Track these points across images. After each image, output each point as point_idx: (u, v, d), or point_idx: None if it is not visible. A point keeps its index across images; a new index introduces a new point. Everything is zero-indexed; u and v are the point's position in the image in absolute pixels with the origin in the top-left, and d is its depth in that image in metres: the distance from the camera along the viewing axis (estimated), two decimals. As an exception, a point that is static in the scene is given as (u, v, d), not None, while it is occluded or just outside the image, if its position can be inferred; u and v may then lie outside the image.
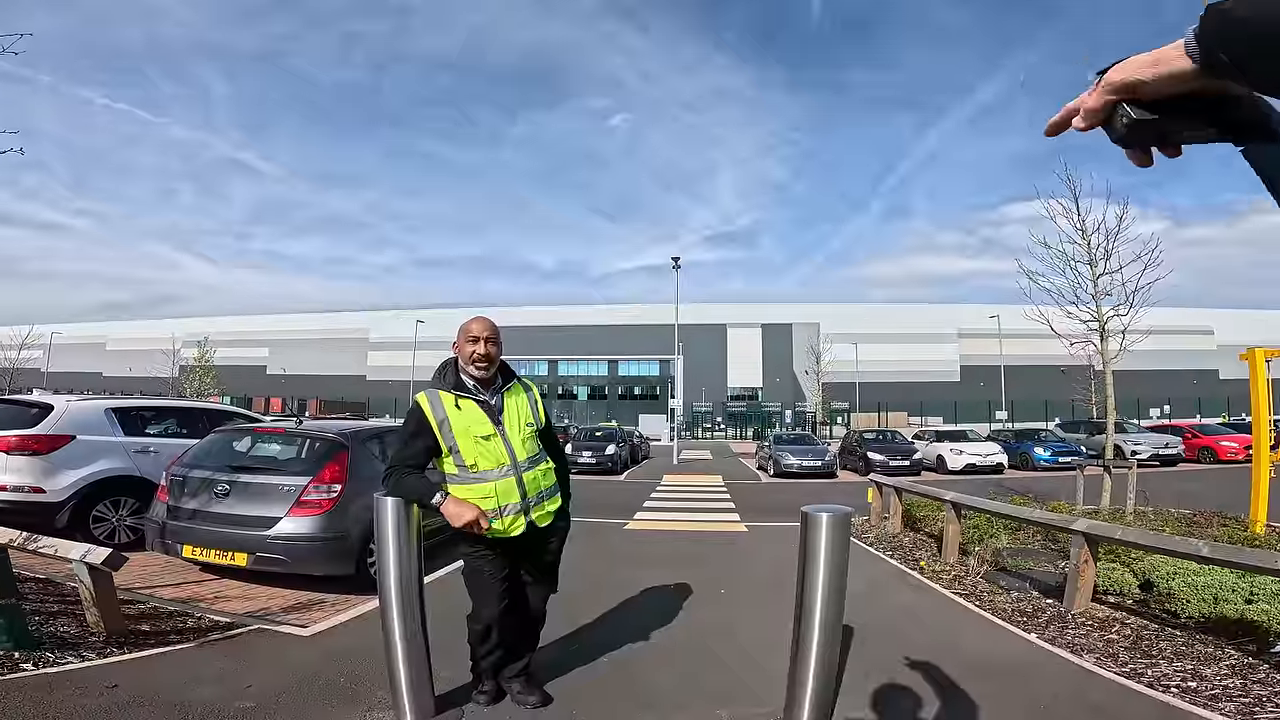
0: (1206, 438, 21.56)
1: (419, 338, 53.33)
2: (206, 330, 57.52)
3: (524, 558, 3.19)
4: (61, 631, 3.89)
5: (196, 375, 42.48)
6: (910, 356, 62.91)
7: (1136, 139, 0.75)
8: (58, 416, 6.62)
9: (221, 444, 5.92)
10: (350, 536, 5.17)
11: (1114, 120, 0.74)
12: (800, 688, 2.71)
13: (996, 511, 6.60)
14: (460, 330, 3.11)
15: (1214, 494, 10.44)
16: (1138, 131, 0.73)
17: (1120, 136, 0.75)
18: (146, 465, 6.83)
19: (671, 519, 10.35)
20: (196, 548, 5.12)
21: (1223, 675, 3.78)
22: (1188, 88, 0.69)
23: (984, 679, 3.72)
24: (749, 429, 53.06)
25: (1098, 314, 8.84)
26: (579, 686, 3.49)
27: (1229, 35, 0.62)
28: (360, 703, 3.21)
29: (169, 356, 44.87)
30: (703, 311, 63.28)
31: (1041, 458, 19.78)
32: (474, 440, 2.99)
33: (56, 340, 61.72)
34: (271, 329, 74.01)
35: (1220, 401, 44.69)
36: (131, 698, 3.11)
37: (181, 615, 4.49)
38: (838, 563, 2.64)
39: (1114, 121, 0.74)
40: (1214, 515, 7.82)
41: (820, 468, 18.43)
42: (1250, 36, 0.60)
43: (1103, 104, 0.75)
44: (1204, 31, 0.64)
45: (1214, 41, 0.63)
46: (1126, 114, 0.73)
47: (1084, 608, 5.00)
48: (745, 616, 4.92)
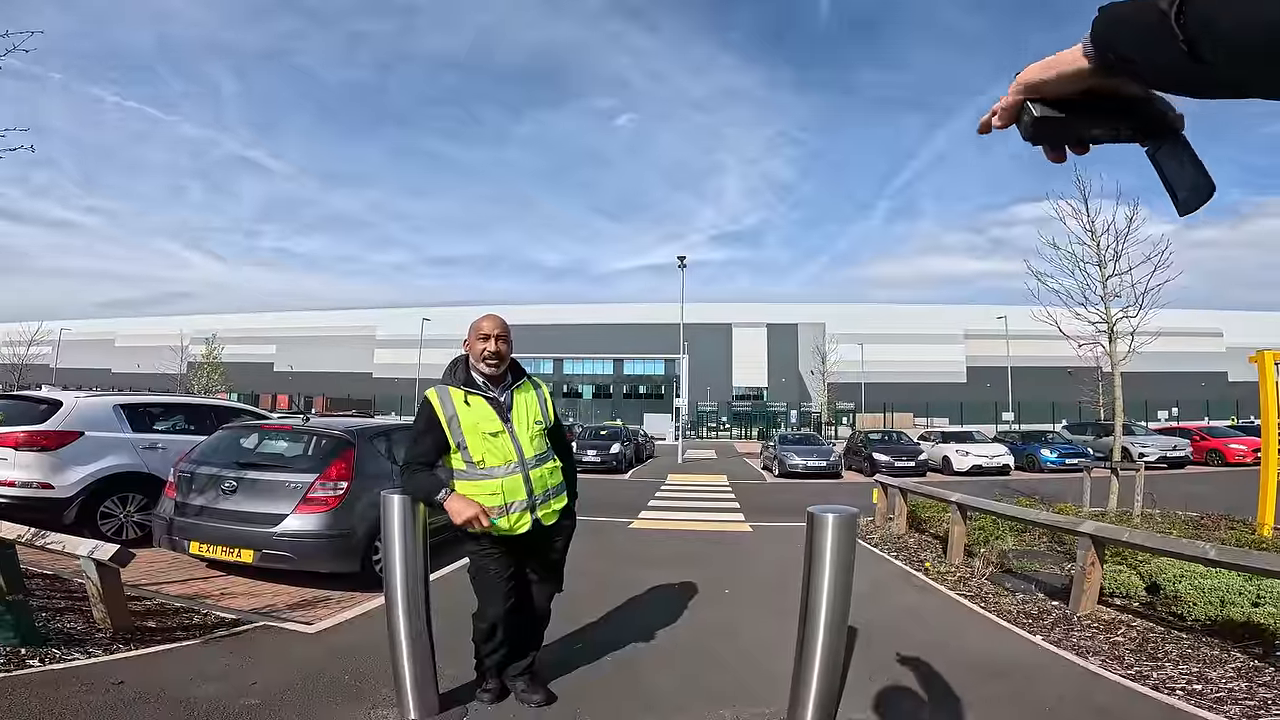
0: (1214, 440, 21.45)
1: (425, 336, 53.49)
2: (214, 327, 57.78)
3: (529, 556, 3.19)
4: (68, 628, 3.91)
5: (204, 372, 42.73)
6: (916, 357, 62.81)
7: (1042, 137, 0.77)
8: (66, 413, 6.66)
9: (229, 441, 5.95)
10: (356, 534, 5.19)
11: (1021, 119, 0.77)
12: (804, 688, 2.70)
13: (1002, 513, 6.57)
14: (471, 328, 3.13)
15: (1221, 497, 10.37)
16: (1042, 129, 0.76)
17: (1027, 134, 0.77)
18: (154, 461, 6.86)
19: (676, 518, 10.35)
20: (203, 544, 5.15)
21: (1228, 678, 3.76)
22: (1085, 85, 0.71)
23: (988, 681, 3.71)
24: (754, 429, 53.07)
25: (1107, 315, 8.80)
26: (583, 685, 3.50)
27: (1115, 33, 0.64)
28: (365, 700, 3.22)
29: (177, 353, 45.14)
30: (708, 311, 63.30)
31: (1048, 460, 19.67)
32: (482, 437, 2.99)
33: (65, 337, 62.07)
34: (279, 326, 74.40)
35: (1229, 404, 44.42)
36: (137, 694, 3.12)
37: (188, 612, 4.51)
38: (843, 563, 2.63)
39: (1021, 120, 0.77)
40: (1221, 518, 7.78)
41: (825, 468, 18.40)
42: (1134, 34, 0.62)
43: (1013, 103, 0.77)
44: (1095, 30, 0.66)
45: (1104, 40, 0.65)
46: (1029, 112, 0.75)
47: (1090, 610, 4.98)
48: (749, 617, 4.92)
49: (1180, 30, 0.56)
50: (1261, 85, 0.57)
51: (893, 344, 60.96)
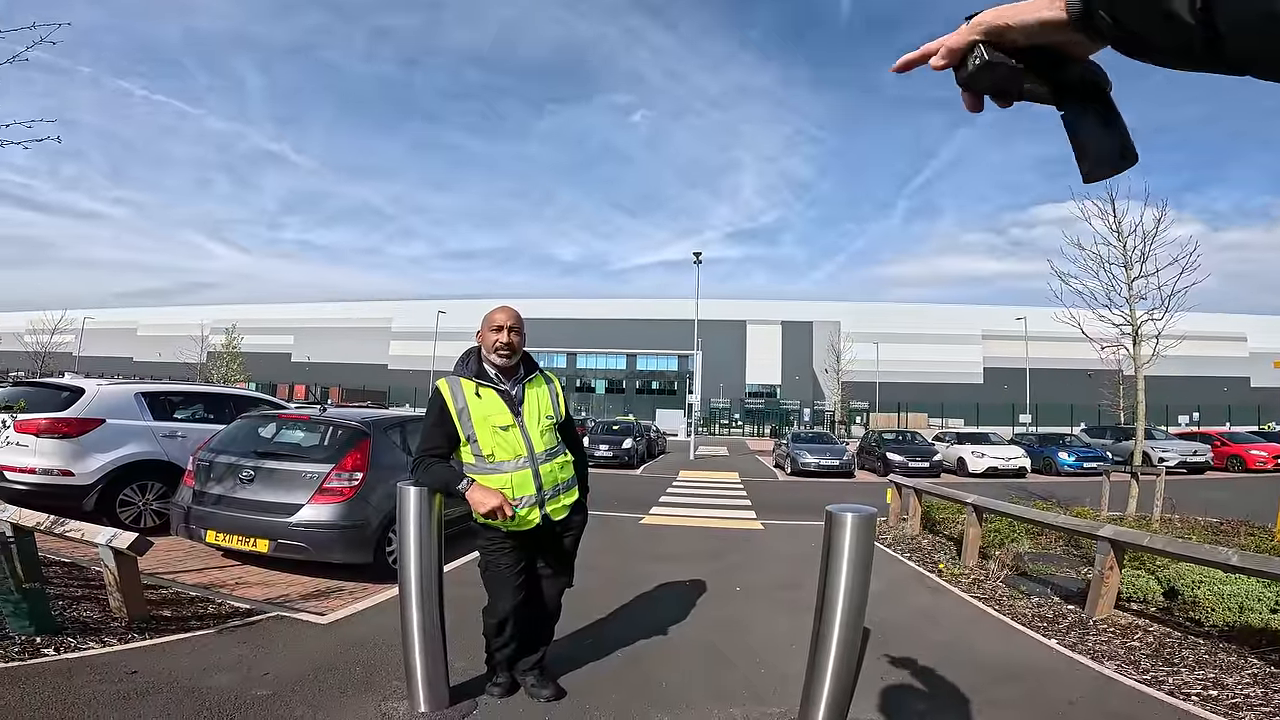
0: (1236, 446, 21.16)
1: (440, 328, 53.69)
2: (234, 317, 58.21)
3: (540, 551, 3.19)
4: (84, 616, 3.94)
5: (224, 361, 43.11)
6: (933, 357, 62.29)
7: (981, 83, 0.76)
8: (88, 400, 6.74)
9: (247, 430, 5.99)
10: (370, 525, 5.21)
11: (967, 61, 0.76)
12: (817, 687, 2.68)
13: (1019, 516, 6.49)
14: (484, 319, 3.12)
15: (1241, 503, 10.24)
16: (985, 74, 0.75)
17: (967, 76, 0.76)
18: (174, 450, 6.94)
19: (688, 515, 10.33)
20: (220, 533, 5.20)
21: (1244, 684, 3.72)
22: (1044, 39, 0.71)
23: (1001, 683, 3.68)
24: (766, 426, 52.81)
25: (1132, 317, 8.68)
26: (593, 681, 3.50)
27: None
28: (375, 692, 3.24)
29: (197, 343, 45.61)
30: (723, 308, 63.11)
31: (1066, 463, 19.45)
32: (492, 430, 2.98)
33: (89, 325, 62.93)
34: (297, 317, 75.02)
35: (1251, 410, 43.69)
36: (149, 684, 3.14)
37: (202, 601, 4.56)
38: (861, 563, 2.60)
39: (967, 62, 0.76)
40: (1241, 524, 7.69)
41: (838, 467, 18.31)
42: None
43: (965, 43, 0.76)
44: None
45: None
46: (981, 55, 0.74)
47: (1106, 614, 4.92)
48: (760, 615, 4.90)
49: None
50: (1267, 63, 0.56)
51: (909, 344, 60.47)
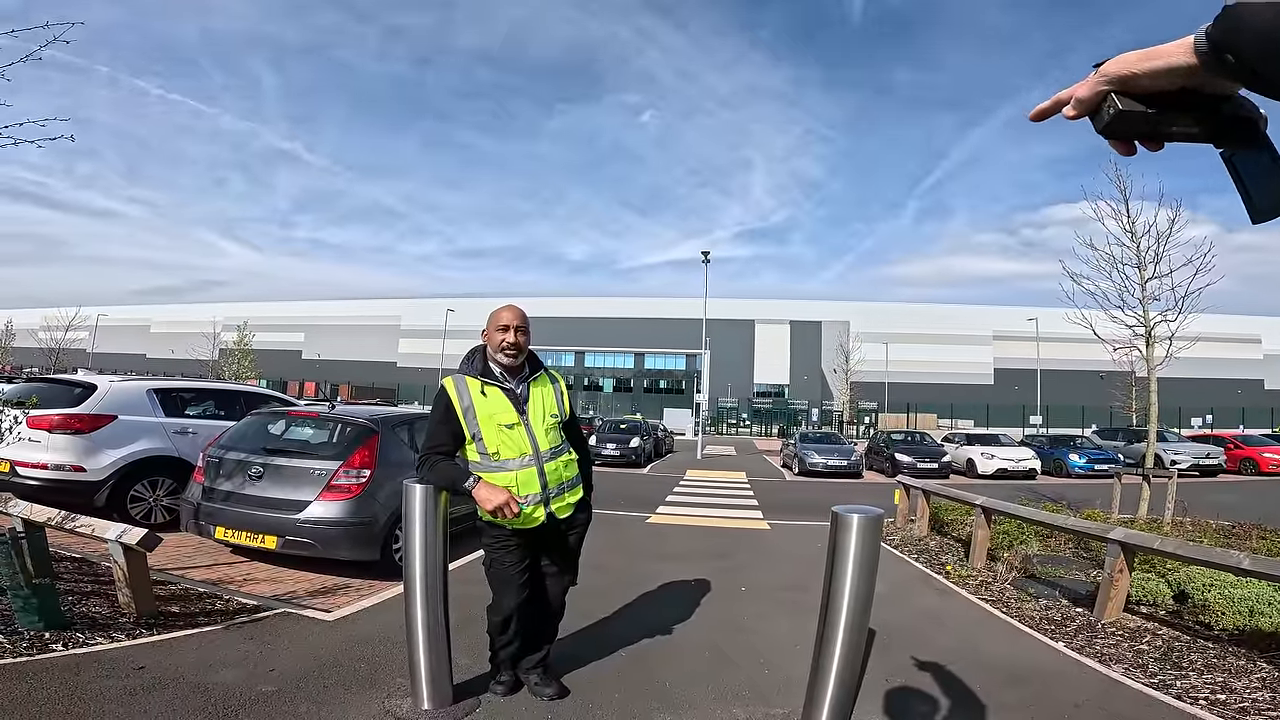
0: (1249, 449, 20.98)
1: (449, 326, 53.88)
2: (246, 315, 58.59)
3: (544, 549, 3.19)
4: (93, 612, 3.97)
5: (235, 358, 43.43)
6: (942, 358, 61.94)
7: (1121, 130, 0.76)
8: (101, 396, 6.80)
9: (257, 427, 6.03)
10: (378, 522, 5.24)
11: (1102, 110, 0.76)
12: (821, 689, 2.67)
13: (1028, 518, 6.45)
14: (490, 318, 3.12)
15: (1254, 506, 10.12)
16: (1123, 123, 0.75)
17: (1105, 126, 0.76)
18: (184, 446, 6.98)
19: (694, 514, 10.32)
20: (229, 530, 5.24)
21: (1253, 688, 3.69)
22: (1179, 84, 0.70)
23: (1007, 686, 3.65)
24: (774, 426, 52.69)
25: (1145, 319, 8.60)
26: (596, 679, 3.50)
27: (1241, 36, 0.62)
28: (380, 688, 3.25)
29: (209, 340, 45.95)
30: (731, 307, 62.94)
31: (1077, 465, 19.32)
32: (497, 428, 2.99)
33: (102, 322, 63.52)
34: (307, 314, 75.50)
35: (1265, 412, 43.29)
36: (156, 680, 3.16)
37: (210, 597, 4.59)
38: (867, 566, 2.59)
39: (1101, 111, 0.76)
40: (1253, 527, 7.61)
41: (846, 467, 18.26)
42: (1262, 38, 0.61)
43: (1094, 94, 0.76)
44: (1218, 29, 0.64)
45: (1225, 42, 0.64)
46: (1114, 104, 0.74)
47: (1115, 617, 4.89)
48: (765, 615, 4.89)
49: None
50: None
51: (918, 344, 60.12)
